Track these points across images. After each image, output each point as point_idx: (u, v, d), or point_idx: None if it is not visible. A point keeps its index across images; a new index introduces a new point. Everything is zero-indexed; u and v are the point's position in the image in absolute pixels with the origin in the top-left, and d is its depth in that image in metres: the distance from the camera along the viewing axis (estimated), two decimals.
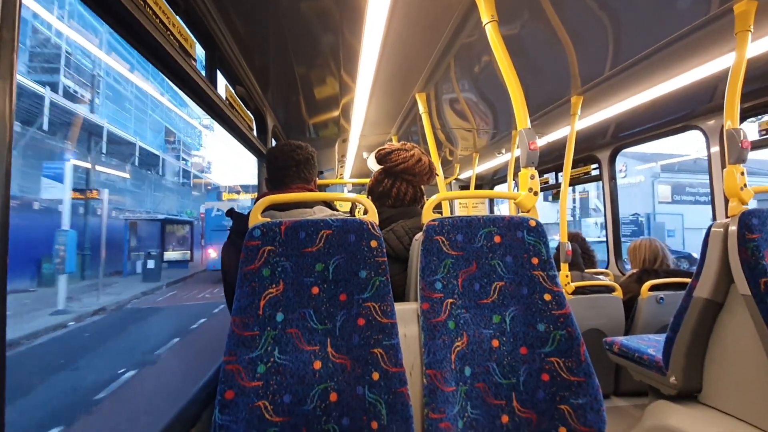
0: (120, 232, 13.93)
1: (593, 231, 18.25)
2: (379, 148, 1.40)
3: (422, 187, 1.44)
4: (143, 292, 11.01)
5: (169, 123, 21.48)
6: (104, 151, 13.90)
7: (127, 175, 16.64)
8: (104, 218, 10.91)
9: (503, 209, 5.77)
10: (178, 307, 9.18)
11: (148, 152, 17.04)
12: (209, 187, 15.60)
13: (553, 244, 1.30)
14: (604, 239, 3.18)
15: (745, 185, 1.30)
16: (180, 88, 1.28)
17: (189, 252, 15.40)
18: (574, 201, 18.65)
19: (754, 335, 1.20)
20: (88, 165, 13.26)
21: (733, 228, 1.25)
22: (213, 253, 13.09)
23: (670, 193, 18.52)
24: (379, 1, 1.33)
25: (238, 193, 14.13)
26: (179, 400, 1.13)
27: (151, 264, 12.51)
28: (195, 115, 24.98)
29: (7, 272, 0.53)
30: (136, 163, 16.55)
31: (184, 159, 22.94)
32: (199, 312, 8.30)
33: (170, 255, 14.92)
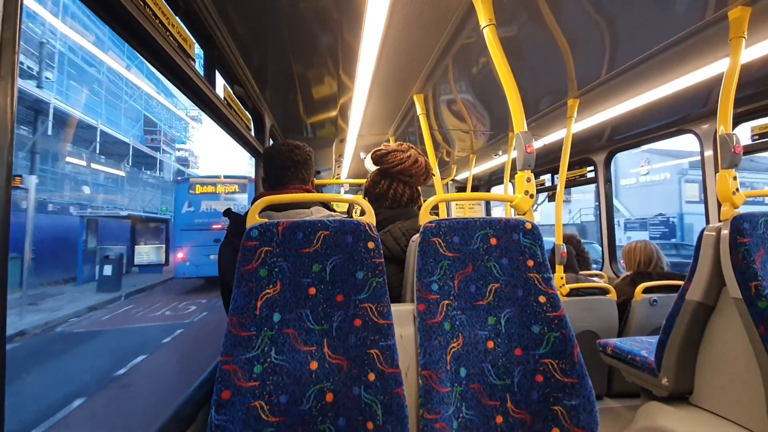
0: (77, 231, 11.57)
1: (617, 233, 16.62)
2: (376, 149, 1.41)
3: (419, 187, 1.44)
4: (89, 307, 8.59)
5: (151, 112, 18.88)
6: (49, 132, 11.30)
7: (103, 168, 14.25)
8: (30, 212, 8.44)
9: (500, 210, 5.79)
10: (122, 331, 6.92)
11: (116, 140, 14.16)
12: (179, 179, 12.13)
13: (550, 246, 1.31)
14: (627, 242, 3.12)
15: (737, 189, 1.32)
16: (178, 88, 1.28)
17: (164, 254, 13.06)
18: (597, 199, 17.74)
19: (744, 338, 1.22)
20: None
21: (725, 232, 1.27)
22: (183, 258, 10.43)
23: (698, 191, 16.32)
24: (378, 2, 1.34)
25: (214, 185, 10.87)
26: None
27: (107, 270, 10.07)
28: (182, 105, 22.82)
29: (7, 272, 0.53)
30: (97, 151, 13.62)
31: (166, 151, 20.59)
32: (143, 342, 6.03)
33: (142, 258, 12.62)
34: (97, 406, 3.86)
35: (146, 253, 12.83)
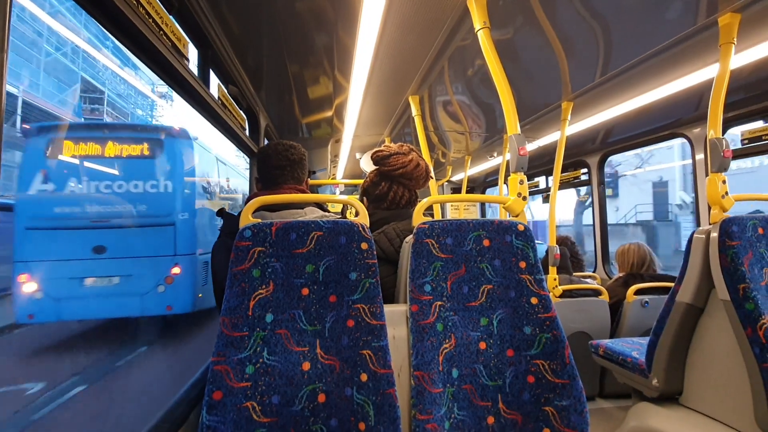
0: None
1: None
2: (377, 149, 1.40)
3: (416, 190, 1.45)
4: None
5: (98, 80, 14.40)
6: None
7: None
8: None
9: (496, 211, 5.82)
10: None
11: None
12: (26, 127, 5.10)
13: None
14: None
15: (726, 193, 1.34)
16: (172, 87, 1.28)
17: None
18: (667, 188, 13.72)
19: (733, 339, 1.24)
20: None
21: (714, 235, 1.29)
22: (30, 284, 4.41)
23: None
24: (374, 3, 1.34)
25: (101, 141, 4.75)
26: None
27: None
28: (148, 79, 17.40)
29: None
30: None
31: None
32: None
33: None
34: None
35: None
